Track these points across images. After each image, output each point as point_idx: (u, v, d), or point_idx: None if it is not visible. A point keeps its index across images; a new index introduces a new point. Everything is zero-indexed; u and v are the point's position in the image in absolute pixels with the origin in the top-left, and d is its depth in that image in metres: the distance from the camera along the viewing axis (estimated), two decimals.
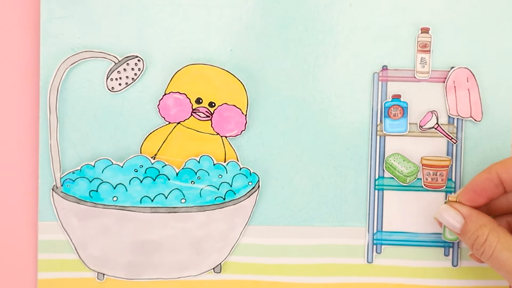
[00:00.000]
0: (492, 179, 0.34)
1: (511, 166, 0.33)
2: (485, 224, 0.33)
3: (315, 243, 0.41)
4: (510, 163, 0.33)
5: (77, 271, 0.40)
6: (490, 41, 0.40)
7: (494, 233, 0.32)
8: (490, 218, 0.34)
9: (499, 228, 0.33)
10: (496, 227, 0.33)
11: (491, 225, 0.33)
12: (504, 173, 0.33)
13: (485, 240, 0.32)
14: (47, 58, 0.39)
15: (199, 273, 0.40)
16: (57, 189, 0.39)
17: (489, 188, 0.34)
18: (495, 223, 0.33)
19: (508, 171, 0.33)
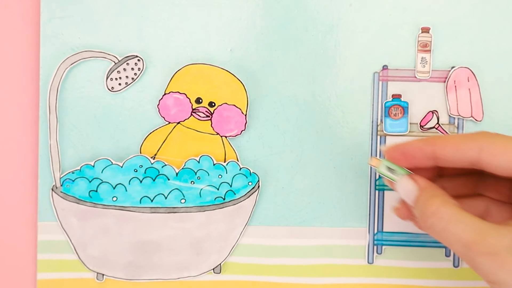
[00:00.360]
0: (425, 152, 0.32)
1: (450, 146, 0.31)
2: (437, 196, 0.32)
3: (315, 243, 0.41)
4: (451, 143, 0.31)
5: (77, 271, 0.40)
6: (490, 40, 0.40)
7: (447, 205, 0.31)
8: (444, 192, 0.32)
9: (452, 201, 0.31)
10: (449, 200, 0.31)
11: (444, 198, 0.31)
12: (441, 151, 0.32)
13: (435, 212, 0.31)
14: (47, 58, 0.39)
15: (199, 274, 0.40)
16: (56, 189, 0.39)
17: (419, 158, 0.33)
18: (448, 196, 0.32)
19: (446, 150, 0.31)
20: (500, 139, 0.29)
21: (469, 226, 0.29)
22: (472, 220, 0.30)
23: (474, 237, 0.29)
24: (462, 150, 0.30)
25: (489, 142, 0.29)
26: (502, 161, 0.29)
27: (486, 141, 0.29)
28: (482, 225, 0.29)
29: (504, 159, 0.29)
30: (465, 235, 0.29)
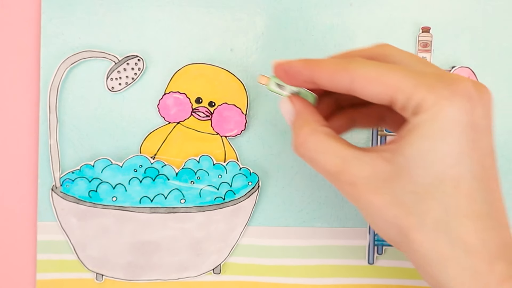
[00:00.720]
0: (304, 75, 0.31)
1: (325, 74, 0.30)
2: (308, 124, 0.31)
3: (316, 244, 0.40)
4: (326, 71, 0.30)
5: (76, 271, 0.40)
6: (491, 39, 0.40)
7: (315, 135, 0.30)
8: (317, 118, 0.31)
9: (322, 129, 0.30)
10: (318, 128, 0.30)
11: (313, 126, 0.30)
12: (317, 78, 0.30)
13: (303, 141, 0.30)
14: (47, 58, 0.39)
15: (199, 274, 0.40)
16: (56, 189, 0.39)
17: (299, 80, 0.31)
18: (319, 124, 0.31)
19: (321, 78, 0.30)
20: (370, 69, 0.28)
21: (333, 156, 0.29)
22: (337, 150, 0.29)
23: (337, 167, 0.29)
24: (335, 80, 0.29)
25: (359, 73, 0.28)
26: (373, 92, 0.28)
27: (357, 72, 0.28)
28: (347, 154, 0.29)
29: (374, 91, 0.28)
30: (330, 165, 0.29)
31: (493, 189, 0.27)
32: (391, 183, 0.27)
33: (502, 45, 0.40)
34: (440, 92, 0.26)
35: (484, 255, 0.26)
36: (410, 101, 0.27)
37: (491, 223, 0.27)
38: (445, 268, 0.27)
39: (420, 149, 0.26)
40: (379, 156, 0.28)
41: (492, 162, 0.28)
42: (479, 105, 0.27)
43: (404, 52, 0.30)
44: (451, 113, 0.26)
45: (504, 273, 0.26)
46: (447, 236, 0.26)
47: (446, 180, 0.26)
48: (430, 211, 0.26)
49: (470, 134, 0.26)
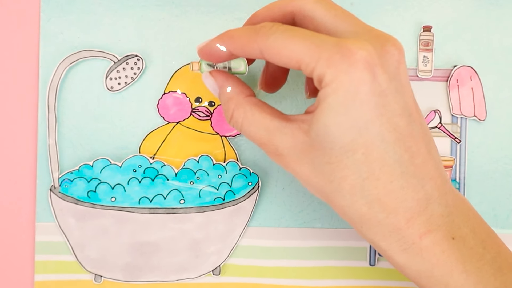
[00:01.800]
0: (224, 51, 0.31)
1: (238, 47, 0.30)
2: (232, 98, 0.32)
3: (316, 245, 0.40)
4: (238, 44, 0.30)
5: (74, 273, 0.40)
6: (493, 38, 0.40)
7: (240, 109, 0.31)
8: (240, 89, 0.32)
9: (246, 101, 0.31)
10: (242, 101, 0.31)
11: (237, 99, 0.31)
12: (234, 51, 0.31)
13: (231, 116, 0.31)
14: (46, 57, 0.39)
15: (198, 276, 0.40)
16: (55, 190, 0.39)
17: (222, 57, 0.32)
18: (243, 95, 0.32)
19: (236, 51, 0.31)
20: (275, 40, 0.28)
21: (259, 128, 0.30)
22: (262, 121, 0.30)
23: (263, 139, 0.30)
24: (248, 50, 0.30)
25: (266, 44, 0.29)
26: (280, 62, 0.29)
27: (264, 43, 0.29)
28: (271, 125, 0.30)
29: (281, 60, 0.29)
30: (257, 137, 0.31)
31: (410, 147, 0.28)
32: (310, 154, 0.29)
33: (504, 44, 0.39)
34: (337, 66, 0.27)
35: (402, 212, 0.28)
36: (313, 74, 0.28)
37: (408, 182, 0.28)
38: (367, 226, 0.29)
39: (326, 124, 0.27)
40: (298, 128, 0.29)
41: (407, 120, 0.28)
42: (381, 71, 0.27)
43: (323, 5, 0.30)
44: (350, 87, 0.27)
45: (423, 227, 0.28)
46: (364, 199, 0.28)
47: (356, 149, 0.27)
48: (346, 178, 0.28)
49: (374, 101, 0.27)
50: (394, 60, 0.28)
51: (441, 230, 0.28)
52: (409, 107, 0.29)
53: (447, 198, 0.29)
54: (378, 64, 0.27)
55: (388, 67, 0.28)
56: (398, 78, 0.28)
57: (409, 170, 0.28)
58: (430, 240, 0.28)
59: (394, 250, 0.29)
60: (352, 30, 0.29)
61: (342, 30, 0.29)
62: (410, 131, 0.28)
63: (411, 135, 0.28)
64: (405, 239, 0.28)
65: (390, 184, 0.28)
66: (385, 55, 0.28)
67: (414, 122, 0.29)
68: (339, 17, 0.30)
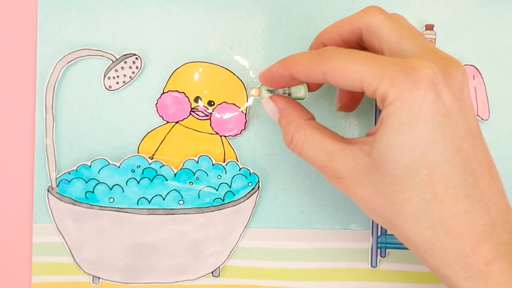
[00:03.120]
0: (285, 76, 0.32)
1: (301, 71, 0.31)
2: (292, 121, 0.32)
3: (317, 246, 0.40)
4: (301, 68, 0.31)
5: (72, 274, 0.39)
6: (496, 37, 0.39)
7: (301, 131, 0.31)
8: (300, 113, 0.33)
9: (307, 124, 0.32)
10: (302, 124, 0.32)
11: (298, 122, 0.32)
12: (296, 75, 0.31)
13: (291, 139, 0.32)
14: (43, 56, 0.39)
15: (197, 277, 0.39)
16: (52, 190, 0.39)
17: (283, 81, 0.33)
18: (303, 119, 0.32)
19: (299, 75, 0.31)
20: (338, 62, 0.29)
21: (319, 151, 0.31)
22: (322, 144, 0.31)
23: (323, 162, 0.31)
24: (310, 74, 0.30)
25: (328, 66, 0.29)
26: (343, 84, 0.29)
27: (327, 65, 0.29)
28: (331, 148, 0.30)
29: (344, 82, 0.29)
30: (317, 160, 0.31)
31: (474, 170, 0.28)
32: (372, 176, 0.29)
33: (507, 42, 0.39)
34: (401, 84, 0.27)
35: (467, 238, 0.27)
36: (376, 94, 0.28)
37: (473, 206, 0.27)
38: (431, 251, 0.28)
39: (389, 143, 0.27)
40: (359, 150, 0.29)
41: (471, 143, 0.28)
42: (446, 90, 0.27)
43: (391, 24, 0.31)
44: (413, 105, 0.27)
45: (489, 254, 0.27)
46: (428, 222, 0.28)
47: (419, 169, 0.27)
48: (409, 200, 0.28)
49: (438, 121, 0.27)
50: (457, 82, 0.28)
51: (507, 258, 0.28)
52: (473, 131, 0.28)
53: (511, 225, 0.29)
54: (442, 83, 0.27)
55: (452, 88, 0.28)
56: (462, 101, 0.28)
57: (474, 194, 0.28)
58: (497, 268, 0.27)
59: (459, 278, 0.28)
60: (416, 51, 0.29)
61: (406, 50, 0.29)
62: (474, 154, 0.28)
63: (475, 158, 0.28)
64: (470, 266, 0.28)
65: (455, 207, 0.27)
66: (449, 76, 0.28)
67: (477, 146, 0.28)
68: (405, 37, 0.30)
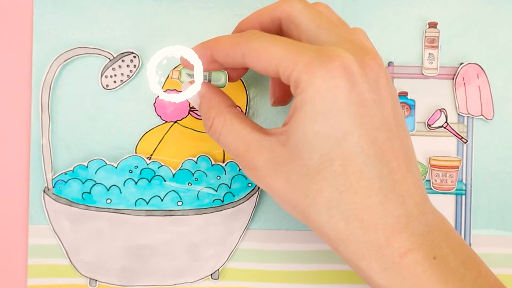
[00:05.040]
0: (207, 56, 0.32)
1: (221, 51, 0.31)
2: (213, 107, 0.32)
3: (318, 248, 0.39)
4: (221, 48, 0.31)
5: (69, 277, 0.39)
6: (501, 35, 0.39)
7: (221, 117, 0.31)
8: (221, 99, 0.32)
9: (227, 111, 0.31)
10: (223, 110, 0.31)
11: (218, 108, 0.31)
12: (216, 57, 0.31)
13: (211, 125, 0.32)
14: (39, 55, 0.39)
15: (196, 280, 0.39)
16: (48, 191, 0.38)
17: (204, 62, 0.32)
18: (224, 105, 0.32)
19: (219, 55, 0.31)
20: (257, 44, 0.29)
21: (237, 139, 0.30)
22: (241, 133, 0.30)
23: (239, 150, 0.30)
24: (230, 55, 0.30)
25: (248, 48, 0.29)
26: (260, 66, 0.29)
27: (246, 46, 0.29)
28: (249, 137, 0.30)
29: (261, 65, 0.29)
30: (233, 148, 0.31)
31: (389, 161, 0.27)
32: (286, 167, 0.28)
33: None
34: (315, 71, 0.26)
35: (381, 229, 0.27)
36: (290, 79, 0.27)
37: (387, 197, 0.27)
38: (345, 243, 0.28)
39: (304, 132, 0.27)
40: (277, 140, 0.29)
41: (386, 134, 0.28)
42: (361, 80, 0.27)
43: (309, 13, 0.30)
44: (327, 94, 0.26)
45: (404, 246, 0.27)
46: (341, 214, 0.27)
47: (334, 160, 0.27)
48: (322, 191, 0.27)
49: (353, 111, 0.27)
50: (373, 72, 0.28)
51: (422, 249, 0.27)
52: (389, 122, 0.28)
53: (427, 217, 0.28)
54: (358, 73, 0.27)
55: (368, 78, 0.28)
56: (378, 91, 0.28)
57: (388, 185, 0.27)
58: (411, 259, 0.27)
59: (374, 270, 0.28)
60: (333, 40, 0.29)
61: (323, 40, 0.29)
62: (389, 145, 0.28)
63: (391, 150, 0.28)
64: (385, 258, 0.27)
65: (368, 199, 0.27)
66: (365, 66, 0.28)
67: (393, 138, 0.28)
68: (323, 26, 0.30)
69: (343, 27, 0.31)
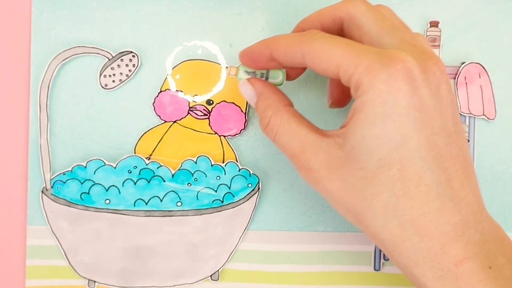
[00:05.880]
0: (266, 55, 0.32)
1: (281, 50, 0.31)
2: (270, 105, 0.32)
3: (319, 249, 0.39)
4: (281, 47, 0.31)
5: (67, 278, 0.39)
6: (503, 34, 0.39)
7: (278, 116, 0.31)
8: (279, 98, 0.32)
9: (285, 110, 0.31)
10: (281, 109, 0.31)
11: (276, 107, 0.31)
12: (275, 55, 0.31)
13: (268, 123, 0.31)
14: (37, 54, 0.38)
15: (196, 281, 0.39)
16: (46, 191, 0.38)
17: (263, 61, 0.32)
18: (282, 104, 0.32)
19: (278, 54, 0.31)
20: (318, 44, 0.29)
21: (293, 139, 0.30)
22: (298, 133, 0.30)
23: (295, 151, 0.30)
24: (290, 54, 0.30)
25: (309, 48, 0.29)
26: (320, 67, 0.29)
27: (307, 47, 0.29)
28: (306, 138, 0.30)
29: (321, 65, 0.29)
30: (289, 148, 0.30)
31: (447, 168, 0.27)
32: (343, 170, 0.28)
33: None
34: (377, 74, 0.26)
35: (437, 237, 0.27)
36: (351, 81, 0.27)
37: (444, 204, 0.27)
38: (399, 249, 0.28)
39: (363, 135, 0.27)
40: (334, 142, 0.29)
41: (446, 140, 0.27)
42: (423, 85, 0.27)
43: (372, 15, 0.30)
44: (388, 97, 0.26)
45: (459, 254, 0.27)
46: (397, 219, 0.27)
47: (391, 164, 0.27)
48: (379, 195, 0.27)
49: (413, 115, 0.27)
50: (435, 78, 0.28)
51: (478, 258, 0.27)
52: (448, 128, 0.28)
53: (483, 226, 0.28)
54: (420, 78, 0.27)
55: (429, 83, 0.27)
56: (439, 97, 0.28)
57: (445, 192, 0.27)
58: (467, 268, 0.27)
59: (428, 277, 0.27)
60: (395, 44, 0.29)
61: (385, 43, 0.29)
62: (448, 151, 0.28)
63: (449, 156, 0.28)
64: (440, 266, 0.27)
65: (425, 205, 0.27)
66: (427, 71, 0.28)
67: (452, 144, 0.28)
68: (385, 29, 0.29)
69: (406, 30, 0.30)
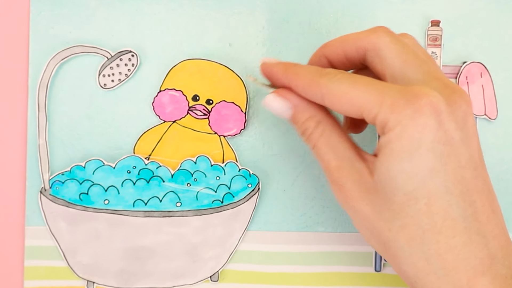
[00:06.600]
0: (284, 82, 0.32)
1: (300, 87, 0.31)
2: (312, 116, 0.31)
3: (319, 250, 0.39)
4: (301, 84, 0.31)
5: (66, 279, 0.39)
6: (505, 34, 0.39)
7: (320, 126, 0.31)
8: (318, 108, 0.32)
9: (327, 120, 0.31)
10: (323, 119, 0.31)
11: (318, 117, 0.31)
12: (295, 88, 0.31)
13: (310, 133, 0.31)
14: (36, 53, 0.38)
15: (195, 282, 0.39)
16: (45, 192, 0.38)
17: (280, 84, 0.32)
18: (322, 114, 0.31)
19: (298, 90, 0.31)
20: (338, 86, 0.29)
21: (331, 152, 0.30)
22: (336, 147, 0.30)
23: (331, 164, 0.30)
24: (309, 93, 0.30)
25: (328, 90, 0.29)
26: (341, 109, 0.29)
27: (327, 89, 0.29)
28: (344, 154, 0.30)
29: (342, 108, 0.29)
30: (325, 160, 0.31)
31: (474, 201, 0.27)
32: (372, 196, 0.28)
33: None
34: (402, 111, 0.26)
35: (463, 271, 0.27)
36: (376, 120, 0.27)
37: (471, 238, 0.27)
38: (423, 282, 0.28)
39: (389, 170, 0.27)
40: (366, 167, 0.29)
41: (473, 173, 0.28)
42: (449, 118, 0.27)
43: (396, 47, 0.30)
44: (414, 132, 0.26)
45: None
46: (423, 253, 0.27)
47: (418, 198, 0.27)
48: (406, 228, 0.27)
49: (440, 149, 0.27)
50: (461, 110, 0.28)
51: None
52: (475, 161, 0.28)
53: (511, 260, 0.28)
54: (445, 111, 0.27)
55: (456, 116, 0.27)
56: (465, 130, 0.28)
57: (472, 226, 0.27)
58: None
59: None
60: (420, 78, 0.29)
61: (409, 77, 0.29)
62: (475, 185, 0.28)
63: (476, 190, 0.28)
64: None
65: (452, 239, 0.27)
66: (453, 104, 0.28)
67: (479, 177, 0.28)
68: (409, 62, 0.29)
69: (430, 62, 0.30)
